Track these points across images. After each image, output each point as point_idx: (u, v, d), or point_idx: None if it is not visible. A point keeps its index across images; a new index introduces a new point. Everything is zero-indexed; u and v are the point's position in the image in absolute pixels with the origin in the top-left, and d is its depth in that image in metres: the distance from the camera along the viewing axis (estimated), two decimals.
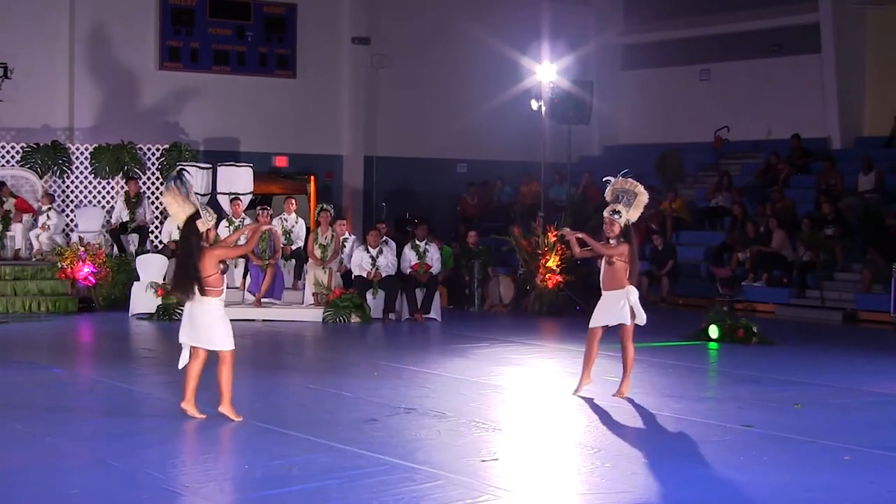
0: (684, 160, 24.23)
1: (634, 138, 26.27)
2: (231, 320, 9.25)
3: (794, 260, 19.34)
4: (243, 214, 18.42)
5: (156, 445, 8.40)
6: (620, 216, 10.29)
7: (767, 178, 22.26)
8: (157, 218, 19.99)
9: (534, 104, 20.52)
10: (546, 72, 20.29)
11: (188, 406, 9.10)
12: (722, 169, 23.29)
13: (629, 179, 10.41)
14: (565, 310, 17.62)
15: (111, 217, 19.62)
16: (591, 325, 10.46)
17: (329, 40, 23.90)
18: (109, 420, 9.31)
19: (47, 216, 18.91)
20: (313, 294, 17.34)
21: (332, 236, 17.60)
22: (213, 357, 9.13)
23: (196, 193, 9.07)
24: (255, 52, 23.15)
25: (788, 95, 23.76)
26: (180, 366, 9.17)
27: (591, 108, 21.60)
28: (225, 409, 9.03)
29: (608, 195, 10.43)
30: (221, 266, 8.99)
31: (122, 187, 19.84)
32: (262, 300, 16.83)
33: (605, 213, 10.38)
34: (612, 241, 10.35)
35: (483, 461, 7.98)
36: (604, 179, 10.65)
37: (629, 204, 10.29)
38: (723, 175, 22.45)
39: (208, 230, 8.96)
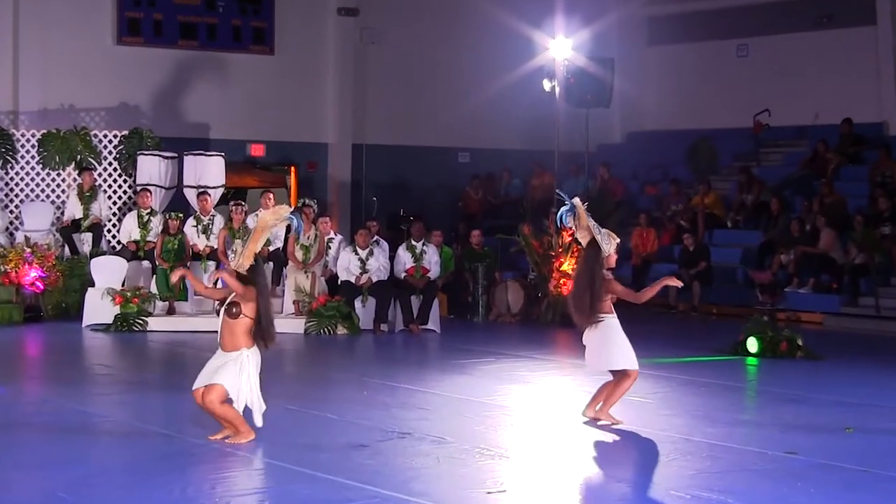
0: (719, 149, 24.24)
1: (661, 124, 26.28)
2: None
3: (845, 263, 19.34)
4: (213, 211, 18.44)
5: (113, 474, 8.41)
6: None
7: (814, 168, 22.29)
8: (114, 215, 20.00)
9: (546, 85, 20.54)
10: (560, 48, 20.30)
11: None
12: (747, 165, 23.27)
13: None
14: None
15: (62, 214, 19.62)
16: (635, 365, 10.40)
17: (312, 11, 23.92)
18: (60, 446, 9.31)
19: None
20: (294, 302, 17.36)
21: (316, 236, 17.62)
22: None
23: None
24: (227, 25, 23.17)
25: (838, 74, 23.77)
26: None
27: (612, 90, 21.62)
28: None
29: (592, 221, 10.30)
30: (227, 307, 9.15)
31: (75, 179, 19.84)
32: None
33: (616, 247, 10.30)
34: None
35: (489, 493, 7.99)
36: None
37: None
38: (742, 171, 22.39)
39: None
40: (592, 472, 8.76)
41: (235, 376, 9.04)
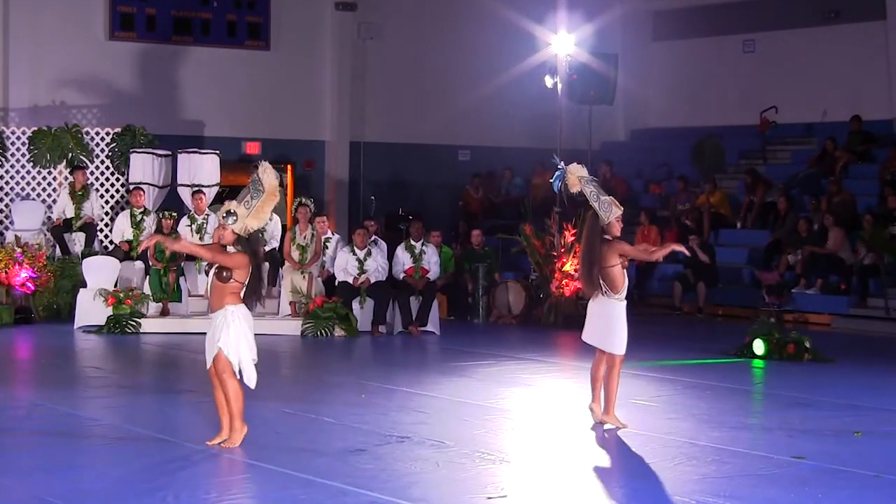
0: (725, 147, 24.23)
1: (666, 121, 26.29)
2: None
3: (854, 263, 19.34)
4: (208, 210, 18.44)
5: (105, 479, 8.42)
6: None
7: (822, 167, 22.28)
8: (106, 214, 20.00)
9: (548, 81, 20.52)
10: (563, 43, 20.28)
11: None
12: (752, 164, 23.27)
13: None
14: (584, 322, 17.59)
15: (53, 213, 19.62)
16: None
17: (309, 6, 23.91)
18: (51, 450, 9.32)
19: None
20: (290, 303, 17.36)
21: (313, 236, 17.62)
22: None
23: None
24: (222, 20, 23.16)
25: (847, 70, 23.76)
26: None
27: (616, 86, 21.59)
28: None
29: (589, 188, 10.40)
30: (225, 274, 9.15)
31: (66, 178, 19.84)
32: None
33: (619, 215, 10.40)
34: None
35: (489, 498, 8.00)
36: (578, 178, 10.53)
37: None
38: (748, 172, 22.40)
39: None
40: (595, 477, 8.77)
41: (225, 334, 9.10)
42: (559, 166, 10.46)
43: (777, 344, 14.79)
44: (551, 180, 10.69)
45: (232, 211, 9.10)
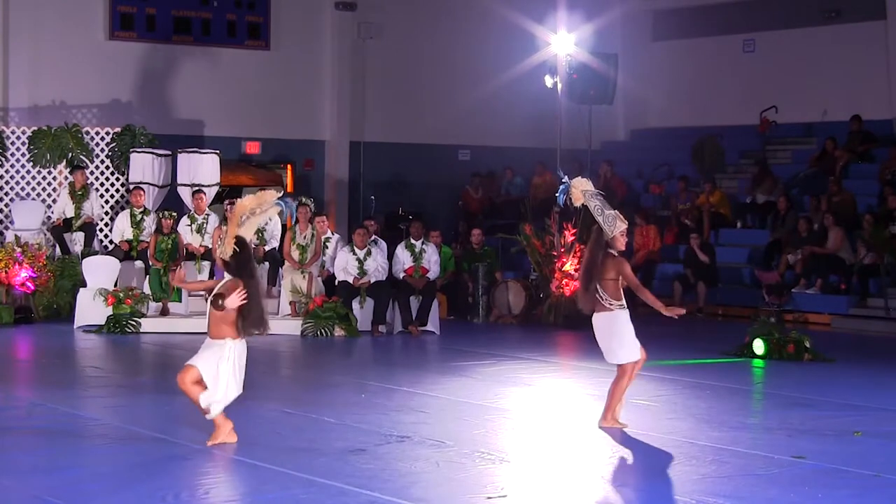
0: (725, 147, 24.24)
1: (666, 121, 26.29)
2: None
3: (854, 263, 19.35)
4: (208, 210, 18.45)
5: (104, 478, 8.42)
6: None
7: (822, 166, 22.29)
8: (106, 214, 20.00)
9: (548, 81, 20.52)
10: (563, 43, 20.29)
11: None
12: (760, 157, 23.31)
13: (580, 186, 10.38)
14: (584, 321, 17.57)
15: (53, 213, 19.62)
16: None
17: (309, 6, 23.93)
18: (50, 450, 9.32)
19: None
20: (291, 303, 17.36)
21: (313, 235, 17.62)
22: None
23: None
24: (222, 20, 23.17)
25: (847, 70, 23.78)
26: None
27: (616, 86, 21.60)
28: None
29: (594, 202, 10.33)
30: (220, 302, 9.04)
31: (66, 178, 19.84)
32: None
33: (623, 230, 10.31)
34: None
35: (489, 498, 8.00)
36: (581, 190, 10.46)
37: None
38: (757, 164, 22.44)
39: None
40: (595, 477, 8.77)
41: (214, 363, 9.07)
42: (563, 180, 10.41)
43: (777, 344, 14.80)
44: (556, 194, 10.64)
45: (221, 237, 9.18)
